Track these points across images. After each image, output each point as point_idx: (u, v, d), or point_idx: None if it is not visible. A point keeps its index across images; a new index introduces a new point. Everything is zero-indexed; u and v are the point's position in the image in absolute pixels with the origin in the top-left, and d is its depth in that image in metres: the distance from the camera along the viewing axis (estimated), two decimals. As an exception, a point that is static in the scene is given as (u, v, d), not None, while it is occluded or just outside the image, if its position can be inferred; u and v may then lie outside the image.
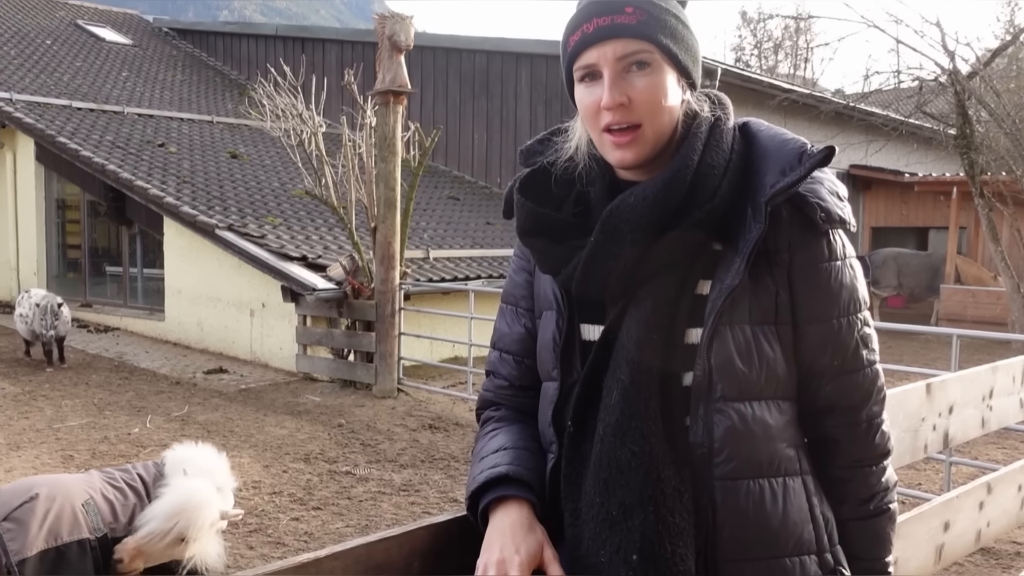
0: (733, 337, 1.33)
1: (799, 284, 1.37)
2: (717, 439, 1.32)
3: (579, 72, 1.38)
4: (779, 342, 1.36)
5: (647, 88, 1.34)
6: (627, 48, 1.33)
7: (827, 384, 1.40)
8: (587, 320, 1.43)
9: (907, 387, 2.22)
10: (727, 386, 1.32)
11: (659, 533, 1.31)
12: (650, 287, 1.36)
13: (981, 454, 6.69)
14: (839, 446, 1.42)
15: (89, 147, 12.30)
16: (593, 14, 1.35)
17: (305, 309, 9.47)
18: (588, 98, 1.37)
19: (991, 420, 2.60)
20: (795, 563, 1.35)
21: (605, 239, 1.36)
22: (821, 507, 1.41)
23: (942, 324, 13.94)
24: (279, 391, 8.94)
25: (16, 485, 3.07)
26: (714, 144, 1.38)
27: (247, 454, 6.54)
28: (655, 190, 1.35)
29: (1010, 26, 13.07)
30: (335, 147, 10.27)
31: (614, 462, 1.33)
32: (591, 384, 1.38)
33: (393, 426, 7.57)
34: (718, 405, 1.32)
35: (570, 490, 1.39)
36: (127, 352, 10.68)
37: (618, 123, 1.35)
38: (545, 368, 1.47)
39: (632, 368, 1.33)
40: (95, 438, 6.88)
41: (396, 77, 8.51)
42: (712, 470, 1.32)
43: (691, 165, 1.35)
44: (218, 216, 10.68)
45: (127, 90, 16.46)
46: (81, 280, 13.61)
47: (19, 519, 2.87)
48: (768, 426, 1.35)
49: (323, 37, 18.67)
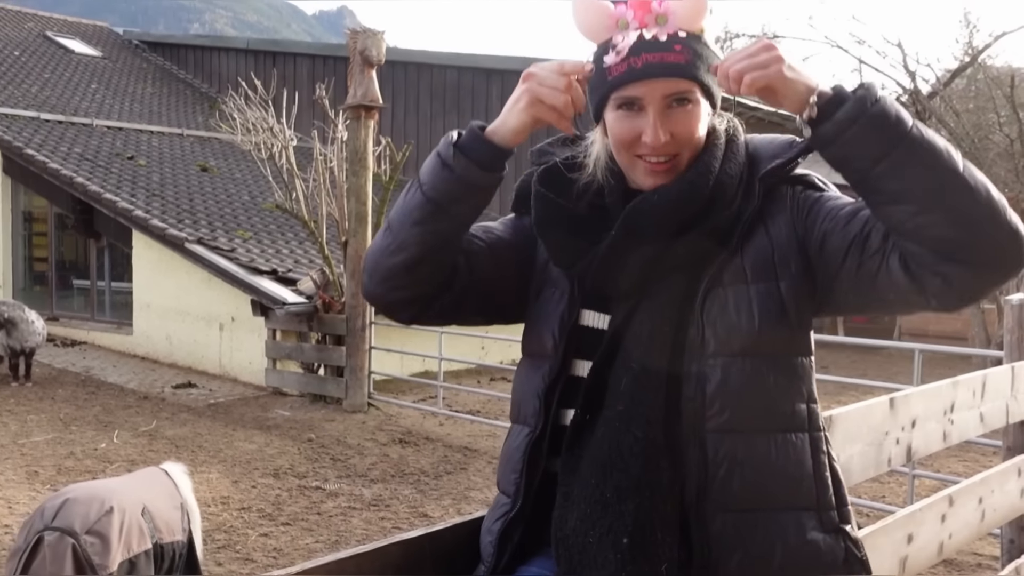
0: (727, 296, 1.38)
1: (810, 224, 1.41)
2: (709, 393, 1.35)
3: (618, 100, 1.40)
4: (781, 298, 1.38)
5: (687, 122, 1.39)
6: (675, 87, 1.37)
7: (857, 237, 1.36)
8: (591, 307, 1.47)
9: (871, 401, 2.28)
10: (719, 342, 1.36)
11: (652, 520, 1.34)
12: (664, 284, 1.41)
13: (943, 467, 6.79)
14: None
15: (57, 159, 12.18)
16: (642, 49, 1.35)
17: (275, 323, 9.43)
18: (626, 127, 1.40)
19: (953, 434, 2.66)
20: (789, 517, 1.37)
21: (626, 234, 1.40)
22: (831, 466, 1.42)
23: (904, 339, 14.15)
24: (248, 406, 8.88)
25: (87, 495, 3.04)
26: (731, 156, 1.45)
27: (216, 469, 6.49)
28: (678, 192, 1.40)
29: (968, 48, 13.34)
30: (306, 161, 10.25)
31: (615, 446, 1.37)
32: (598, 375, 1.42)
33: (363, 441, 7.55)
34: (710, 360, 1.36)
35: (566, 474, 1.42)
36: (94, 366, 10.55)
37: (658, 156, 1.40)
38: (541, 344, 1.49)
39: (644, 358, 1.38)
40: (61, 453, 6.79)
41: (367, 92, 8.53)
42: (704, 423, 1.35)
43: (713, 171, 1.41)
44: (188, 230, 10.61)
45: (96, 102, 16.32)
46: (48, 293, 13.44)
47: (100, 533, 2.89)
48: (765, 383, 1.37)
49: (295, 51, 18.64)
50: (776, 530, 1.36)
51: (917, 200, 1.24)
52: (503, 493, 1.53)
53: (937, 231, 1.24)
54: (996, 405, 2.97)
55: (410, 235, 1.40)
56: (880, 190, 1.27)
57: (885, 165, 1.25)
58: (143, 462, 6.26)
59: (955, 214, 1.23)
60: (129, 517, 3.01)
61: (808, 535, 1.37)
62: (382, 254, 1.44)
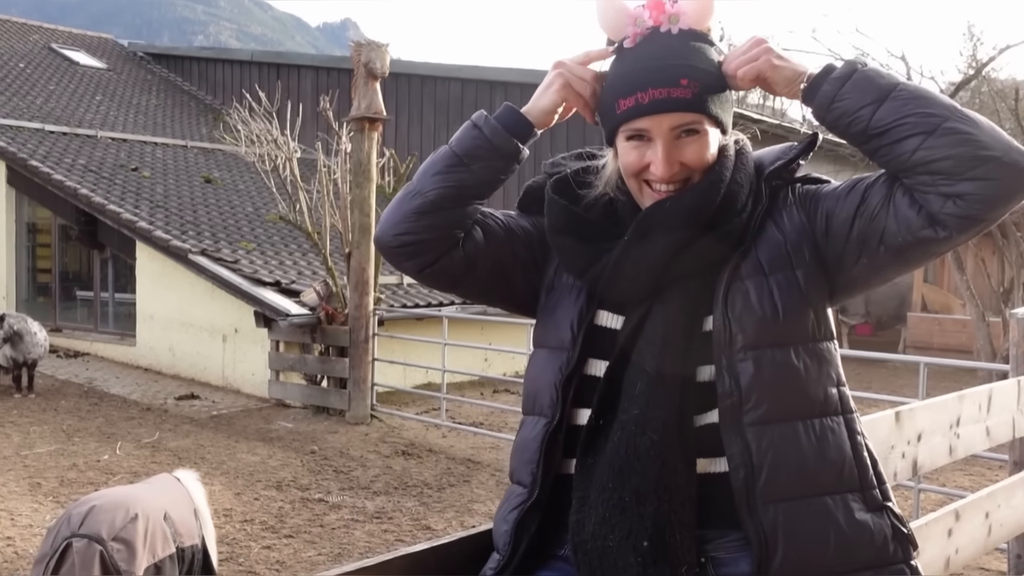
0: (748, 289, 1.41)
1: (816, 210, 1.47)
2: (744, 387, 1.38)
3: (628, 132, 1.45)
4: (800, 286, 1.42)
5: (697, 151, 1.44)
6: (681, 120, 1.42)
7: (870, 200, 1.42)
8: (606, 307, 1.50)
9: (876, 415, 2.27)
10: (747, 335, 1.39)
11: (671, 522, 1.36)
12: (676, 289, 1.44)
13: (948, 480, 6.77)
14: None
15: (61, 171, 12.21)
16: (649, 84, 1.41)
17: (278, 335, 9.42)
18: (635, 157, 1.45)
19: (958, 448, 2.65)
20: (837, 501, 1.39)
21: (639, 240, 1.44)
22: (867, 446, 1.45)
23: (909, 352, 14.12)
24: (251, 417, 8.87)
25: (112, 502, 3.14)
26: (741, 167, 1.49)
27: (218, 481, 6.48)
28: (691, 198, 1.44)
29: (972, 60, 13.35)
30: (310, 173, 10.28)
31: (632, 449, 1.38)
32: (613, 379, 1.44)
33: (366, 453, 7.53)
34: (740, 355, 1.39)
35: (581, 479, 1.43)
36: (97, 378, 10.55)
37: (668, 183, 1.44)
38: (559, 336, 1.51)
39: (659, 362, 1.40)
40: (63, 465, 6.79)
41: (371, 104, 8.55)
42: (742, 416, 1.37)
43: (724, 180, 1.45)
44: (191, 241, 10.62)
45: (100, 114, 16.37)
46: (51, 304, 13.45)
47: (126, 539, 2.97)
48: (796, 370, 1.40)
49: (298, 63, 18.70)
50: (827, 515, 1.38)
51: (923, 129, 1.33)
52: (518, 484, 1.54)
53: (945, 151, 1.31)
54: (1002, 419, 2.96)
55: (430, 182, 1.50)
56: (886, 131, 1.35)
57: (887, 107, 1.35)
58: (146, 474, 6.25)
59: (960, 135, 1.31)
60: (153, 523, 3.09)
61: (857, 516, 1.40)
62: (400, 201, 1.54)
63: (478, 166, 1.50)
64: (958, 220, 1.33)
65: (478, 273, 1.57)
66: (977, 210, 1.32)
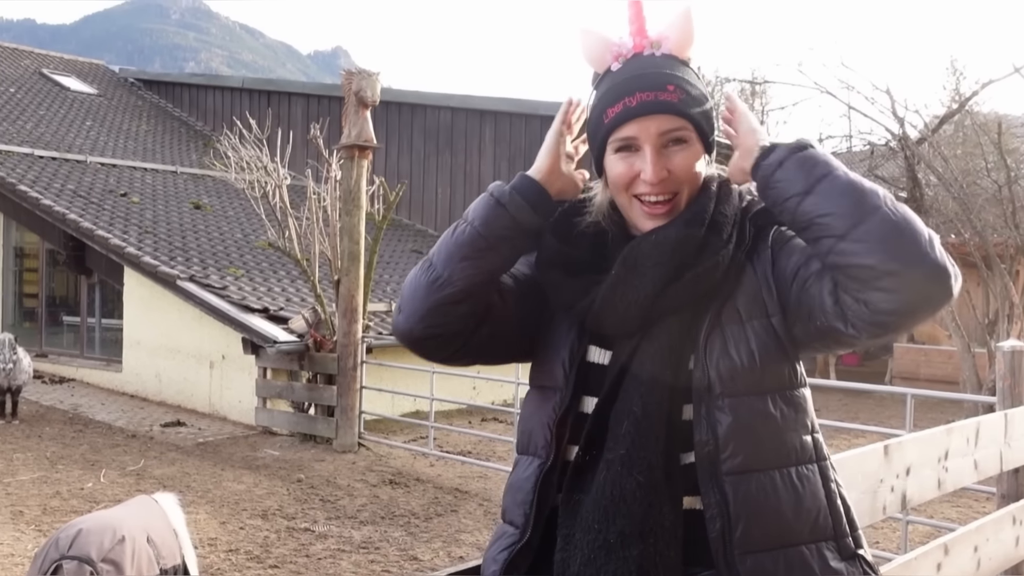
0: (727, 338, 1.40)
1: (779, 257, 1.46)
2: (721, 436, 1.37)
3: (616, 143, 1.45)
4: (775, 333, 1.41)
5: (684, 163, 1.44)
6: (669, 124, 1.42)
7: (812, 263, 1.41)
8: (597, 343, 1.49)
9: (865, 448, 2.28)
10: (726, 383, 1.38)
11: (656, 565, 1.35)
12: (663, 325, 1.43)
13: (936, 512, 6.77)
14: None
15: (50, 196, 12.18)
16: (636, 88, 1.42)
17: (266, 361, 9.38)
18: (624, 168, 1.45)
19: (947, 481, 2.66)
20: (812, 550, 1.39)
21: (627, 273, 1.43)
22: (840, 493, 1.45)
23: (896, 382, 14.16)
24: (237, 445, 8.80)
25: (99, 525, 3.18)
26: (724, 198, 1.49)
27: (203, 510, 6.42)
28: (676, 231, 1.43)
29: (956, 94, 13.51)
30: (299, 199, 10.28)
31: (618, 490, 1.37)
32: (600, 416, 1.43)
33: (353, 481, 7.48)
34: (719, 403, 1.38)
35: (567, 516, 1.43)
36: (82, 404, 10.46)
37: (657, 195, 1.44)
38: (552, 376, 1.50)
39: (645, 401, 1.39)
40: (46, 493, 6.71)
41: (362, 132, 8.58)
42: (720, 466, 1.37)
43: (708, 211, 1.45)
44: (180, 267, 10.59)
45: (90, 139, 16.37)
46: (37, 330, 13.36)
47: (115, 561, 3.00)
48: (773, 419, 1.40)
49: (289, 91, 18.78)
50: (803, 565, 1.38)
51: (837, 232, 1.32)
52: (510, 524, 1.53)
53: (860, 259, 1.30)
54: (990, 452, 2.97)
55: (458, 269, 1.43)
56: (807, 227, 1.35)
57: (811, 200, 1.34)
58: (130, 502, 6.18)
59: (870, 243, 1.30)
60: (138, 545, 3.13)
61: (831, 563, 1.40)
62: (427, 289, 1.45)
63: (506, 247, 1.46)
64: (866, 325, 1.33)
65: (505, 340, 1.55)
66: (885, 319, 1.32)
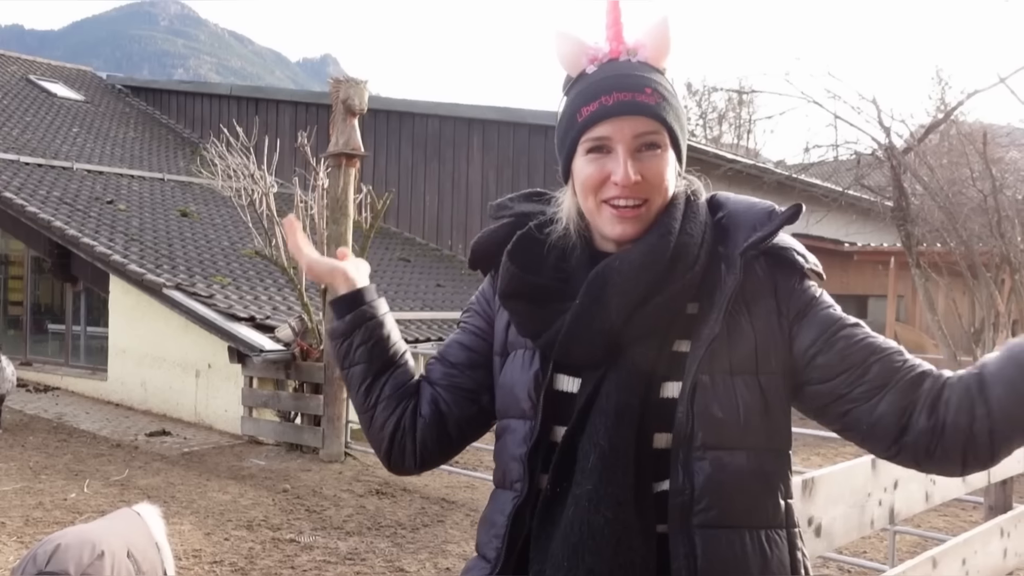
0: (714, 386, 1.35)
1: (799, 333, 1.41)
2: (698, 487, 1.33)
3: (588, 144, 1.40)
4: (762, 392, 1.36)
5: (657, 168, 1.39)
6: (645, 127, 1.38)
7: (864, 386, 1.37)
8: (564, 370, 1.44)
9: (853, 463, 2.27)
10: (708, 434, 1.33)
11: None
12: (631, 352, 1.37)
13: (924, 521, 6.77)
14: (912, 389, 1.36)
15: (35, 203, 12.10)
16: (613, 88, 1.38)
17: (252, 371, 9.33)
18: (594, 169, 1.40)
19: (935, 494, 2.65)
20: None
21: (591, 302, 1.38)
22: (804, 563, 1.41)
23: (884, 391, 14.16)
24: (223, 454, 8.74)
25: (78, 540, 3.12)
26: (691, 215, 1.43)
27: (188, 521, 6.36)
28: (640, 255, 1.38)
29: (941, 104, 13.60)
30: (287, 207, 10.25)
31: (586, 527, 1.33)
32: (568, 448, 1.39)
33: (339, 491, 7.43)
34: (698, 453, 1.33)
35: (537, 552, 1.39)
36: (67, 413, 10.38)
37: (627, 199, 1.38)
38: (518, 407, 1.46)
39: (611, 434, 1.34)
40: (29, 504, 6.64)
41: (349, 140, 8.56)
42: (692, 518, 1.32)
43: (673, 232, 1.39)
44: (166, 275, 10.54)
45: (77, 146, 16.30)
46: (22, 338, 13.27)
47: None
48: (750, 476, 1.35)
49: (277, 98, 18.75)
50: None
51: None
52: (482, 556, 1.49)
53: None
54: (977, 464, 2.96)
55: (357, 401, 1.61)
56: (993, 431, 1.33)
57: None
58: (113, 513, 6.12)
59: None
60: (118, 560, 3.06)
61: None
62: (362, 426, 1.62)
63: (359, 354, 1.57)
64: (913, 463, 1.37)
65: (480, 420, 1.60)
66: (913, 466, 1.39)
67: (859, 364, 1.36)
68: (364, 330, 1.58)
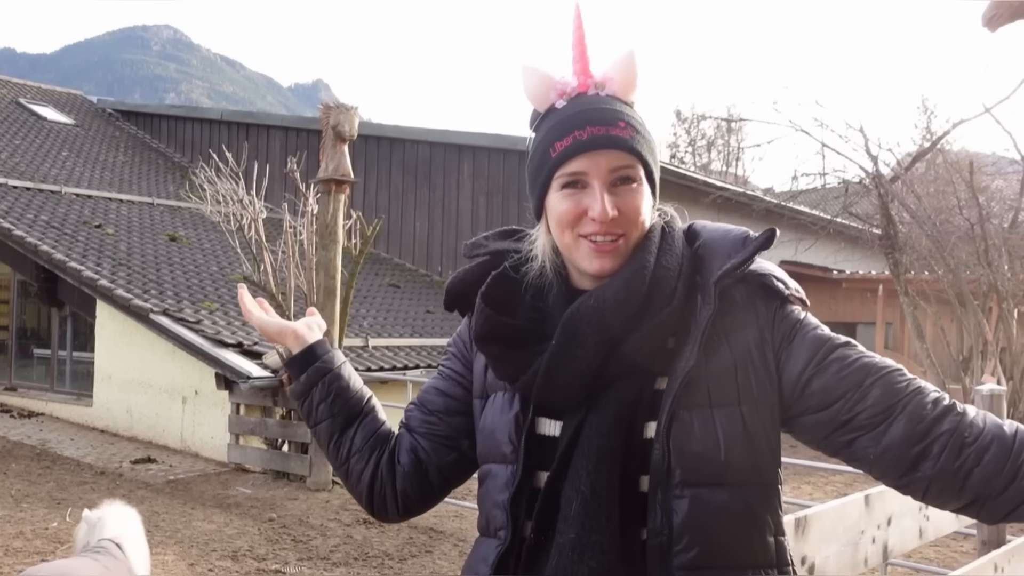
0: (692, 421, 1.30)
1: (787, 359, 1.36)
2: (676, 526, 1.27)
3: (563, 179, 1.37)
4: (744, 424, 1.31)
5: (633, 202, 1.36)
6: (620, 161, 1.35)
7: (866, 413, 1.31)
8: (545, 414, 1.40)
9: (846, 499, 2.24)
10: (686, 471, 1.28)
11: None
12: (611, 392, 1.33)
13: (915, 552, 6.74)
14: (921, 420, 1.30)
15: (23, 226, 12.04)
16: (586, 122, 1.35)
17: (239, 397, 9.25)
18: (570, 205, 1.36)
19: (928, 530, 2.63)
20: None
21: (567, 342, 1.34)
22: None
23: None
24: (209, 482, 8.65)
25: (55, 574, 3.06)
26: (667, 248, 1.39)
27: (172, 551, 6.27)
28: (615, 292, 1.34)
29: (927, 133, 13.73)
30: (276, 233, 10.22)
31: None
32: (551, 494, 1.34)
33: (327, 521, 7.35)
34: (677, 491, 1.28)
35: None
36: (51, 439, 10.26)
37: (604, 234, 1.35)
38: (499, 452, 1.42)
39: (593, 479, 1.30)
40: (9, 533, 6.54)
41: (339, 166, 8.55)
42: (671, 559, 1.27)
43: (648, 267, 1.35)
44: (153, 300, 10.47)
45: (66, 169, 16.25)
46: (7, 362, 13.16)
47: None
48: (734, 513, 1.30)
49: (268, 123, 18.76)
50: None
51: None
52: None
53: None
54: (969, 498, 2.94)
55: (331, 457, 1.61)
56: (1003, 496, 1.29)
57: None
58: (96, 543, 6.03)
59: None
60: None
61: None
62: (342, 480, 1.64)
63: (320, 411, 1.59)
64: (921, 497, 1.33)
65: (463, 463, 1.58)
66: (918, 498, 1.34)
67: (856, 387, 1.30)
68: (321, 387, 1.59)
